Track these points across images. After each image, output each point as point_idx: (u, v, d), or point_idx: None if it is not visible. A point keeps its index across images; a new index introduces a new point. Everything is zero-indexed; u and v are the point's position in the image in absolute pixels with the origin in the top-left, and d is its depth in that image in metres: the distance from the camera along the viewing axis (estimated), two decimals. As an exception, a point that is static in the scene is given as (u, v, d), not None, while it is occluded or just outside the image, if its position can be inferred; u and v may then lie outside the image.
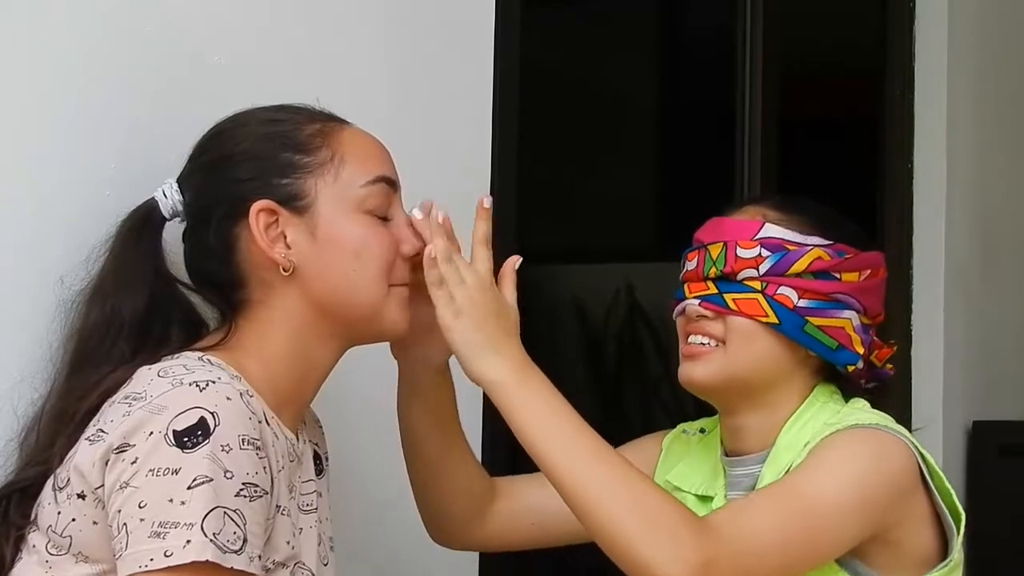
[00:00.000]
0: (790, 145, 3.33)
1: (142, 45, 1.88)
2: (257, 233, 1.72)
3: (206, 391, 1.59)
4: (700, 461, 2.06)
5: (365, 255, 1.74)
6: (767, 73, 3.19)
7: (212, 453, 1.55)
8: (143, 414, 1.58)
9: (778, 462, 1.93)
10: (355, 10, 2.19)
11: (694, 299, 1.96)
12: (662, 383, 4.03)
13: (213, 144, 1.78)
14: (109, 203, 1.81)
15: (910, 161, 3.65)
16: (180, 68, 1.92)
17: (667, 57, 4.38)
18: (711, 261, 1.95)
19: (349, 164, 1.75)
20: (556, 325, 4.04)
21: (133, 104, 1.86)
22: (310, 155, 1.74)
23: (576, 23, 3.97)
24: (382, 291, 1.76)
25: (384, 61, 2.23)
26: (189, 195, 1.77)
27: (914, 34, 3.66)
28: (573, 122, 3.92)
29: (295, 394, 1.75)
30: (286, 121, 1.77)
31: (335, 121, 1.80)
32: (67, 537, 1.60)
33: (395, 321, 1.78)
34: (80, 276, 1.76)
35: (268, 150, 1.75)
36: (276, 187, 1.73)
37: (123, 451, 1.56)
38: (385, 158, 1.80)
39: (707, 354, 1.95)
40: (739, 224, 1.98)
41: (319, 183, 1.74)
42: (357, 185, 1.75)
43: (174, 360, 1.67)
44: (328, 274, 1.73)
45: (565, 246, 4.01)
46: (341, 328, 1.76)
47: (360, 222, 1.74)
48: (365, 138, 1.80)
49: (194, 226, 1.77)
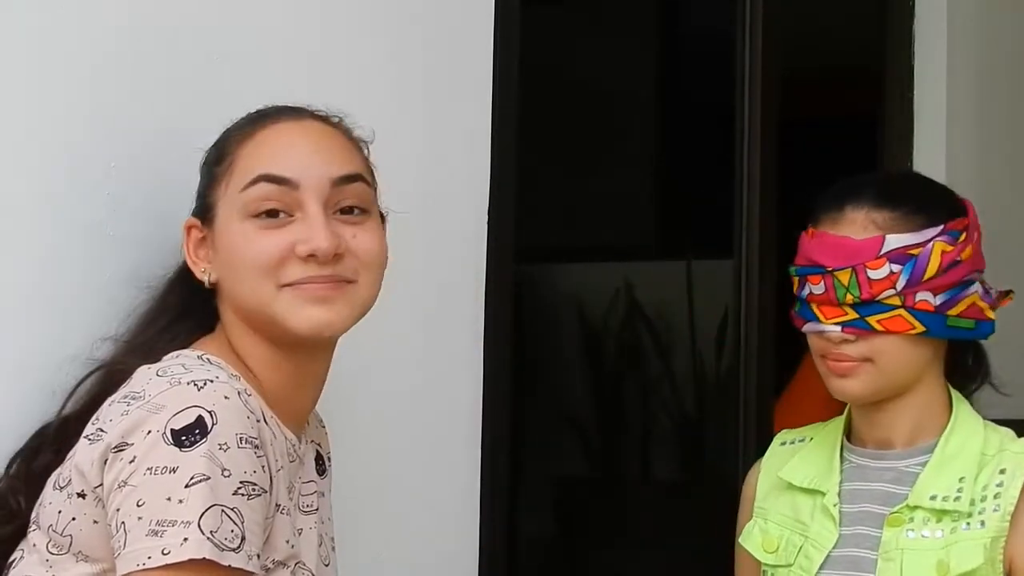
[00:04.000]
0: (790, 145, 3.32)
1: (142, 45, 1.87)
2: (185, 248, 1.76)
3: (204, 390, 1.59)
4: (814, 456, 2.07)
5: (236, 262, 1.71)
6: (767, 73, 3.18)
7: (210, 452, 1.55)
8: (141, 413, 1.58)
9: (950, 470, 1.97)
10: (355, 10, 2.19)
11: (834, 325, 1.96)
12: (662, 382, 4.04)
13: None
14: (109, 203, 1.81)
15: (910, 161, 3.64)
16: (180, 68, 1.92)
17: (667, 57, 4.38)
18: (843, 287, 1.95)
19: (238, 169, 1.72)
20: (555, 324, 4.04)
21: (133, 104, 1.86)
22: (219, 165, 1.74)
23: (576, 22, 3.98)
24: (267, 294, 1.70)
25: (384, 60, 2.23)
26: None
27: (914, 34, 3.66)
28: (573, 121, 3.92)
29: (287, 396, 1.74)
30: (231, 130, 1.77)
31: (263, 122, 1.76)
32: (67, 536, 1.60)
33: (297, 323, 1.70)
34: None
35: (206, 161, 1.77)
36: (203, 200, 1.75)
37: (121, 450, 1.56)
38: (283, 153, 1.73)
39: (857, 369, 1.97)
40: (860, 245, 1.96)
41: (218, 193, 1.73)
42: (238, 190, 1.71)
43: (173, 360, 1.67)
44: (227, 283, 1.73)
45: (565, 245, 4.01)
46: (259, 330, 1.73)
47: (239, 229, 1.71)
48: (272, 136, 1.74)
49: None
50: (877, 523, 1.99)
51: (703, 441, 4.03)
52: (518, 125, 2.51)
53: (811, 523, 2.02)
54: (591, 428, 4.09)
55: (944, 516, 1.95)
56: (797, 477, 2.06)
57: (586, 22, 4.02)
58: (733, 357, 3.21)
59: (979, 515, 1.95)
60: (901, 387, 2.00)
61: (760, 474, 2.12)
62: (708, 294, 3.78)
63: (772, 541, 2.04)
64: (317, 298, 1.70)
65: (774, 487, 2.08)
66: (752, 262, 3.14)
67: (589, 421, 4.07)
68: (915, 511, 1.97)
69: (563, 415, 3.98)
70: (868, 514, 2.00)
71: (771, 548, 2.04)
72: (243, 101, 1.80)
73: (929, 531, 1.96)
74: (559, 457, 4.03)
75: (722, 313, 3.54)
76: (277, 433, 1.69)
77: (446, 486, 2.34)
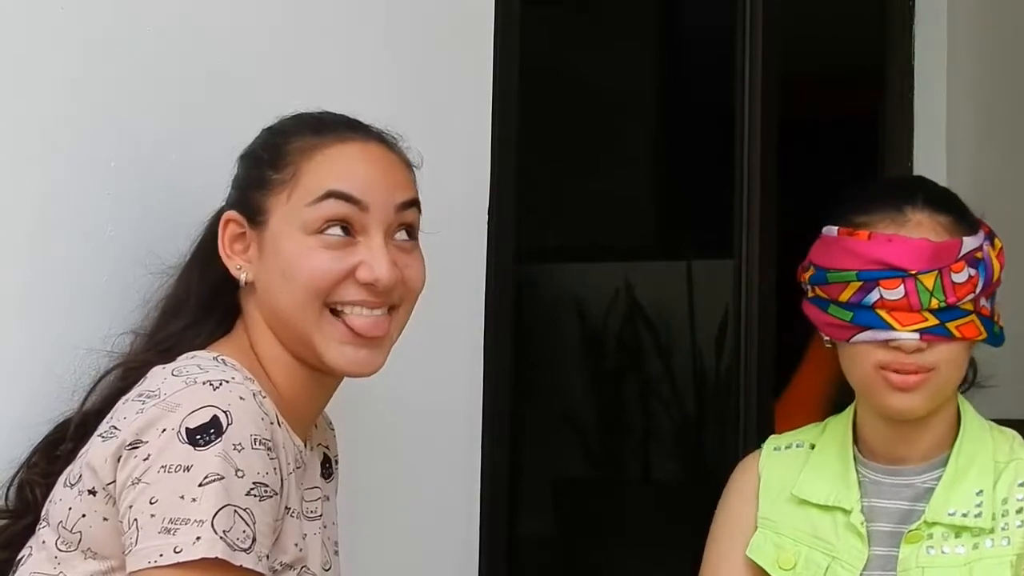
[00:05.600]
0: (790, 145, 3.32)
1: (143, 45, 1.87)
2: (220, 243, 1.74)
3: (219, 390, 1.59)
4: (826, 470, 2.00)
5: (289, 275, 1.69)
6: (767, 73, 3.18)
7: (224, 451, 1.54)
8: (156, 411, 1.58)
9: (965, 483, 1.93)
10: (355, 10, 2.19)
11: (912, 332, 1.88)
12: (662, 382, 4.03)
13: (255, 139, 1.80)
14: (108, 204, 1.81)
15: (910, 161, 3.64)
16: (180, 69, 1.92)
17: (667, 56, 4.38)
18: (927, 292, 1.87)
19: (303, 183, 1.71)
20: (555, 324, 4.04)
21: (133, 104, 1.86)
22: (278, 172, 1.72)
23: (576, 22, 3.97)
24: (312, 315, 1.69)
25: (383, 60, 2.23)
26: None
27: (914, 34, 3.66)
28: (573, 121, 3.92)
29: (299, 403, 1.74)
30: (283, 134, 1.76)
31: (333, 136, 1.74)
32: (77, 533, 1.60)
33: (333, 358, 1.70)
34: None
35: (257, 161, 1.75)
36: (249, 200, 1.73)
37: (136, 447, 1.56)
38: (357, 173, 1.72)
39: (922, 383, 1.90)
40: (941, 247, 1.90)
41: (276, 201, 1.72)
42: (303, 204, 1.70)
43: (189, 360, 1.67)
44: (268, 290, 1.72)
45: (565, 245, 4.01)
46: (288, 345, 1.72)
47: (298, 244, 1.70)
48: (344, 154, 1.74)
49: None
50: (895, 542, 1.94)
51: (703, 441, 4.03)
52: (518, 125, 2.51)
53: (837, 542, 1.95)
54: (591, 428, 4.09)
55: (964, 532, 1.91)
56: (815, 495, 1.98)
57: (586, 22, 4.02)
58: (733, 357, 3.20)
59: (1003, 531, 1.90)
60: (945, 400, 1.95)
61: (761, 482, 2.04)
62: (708, 294, 3.78)
63: (788, 558, 1.97)
64: (361, 342, 1.71)
65: (780, 499, 2.01)
66: (752, 262, 3.14)
67: (589, 421, 4.07)
68: (933, 527, 1.92)
69: (563, 415, 3.98)
70: (886, 533, 1.95)
71: (788, 565, 1.97)
72: (242, 101, 1.80)
73: (950, 548, 1.91)
74: (559, 457, 4.03)
75: (722, 313, 3.54)
76: (287, 438, 1.69)
77: (446, 486, 2.34)
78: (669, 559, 3.76)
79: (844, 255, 1.92)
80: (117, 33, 1.84)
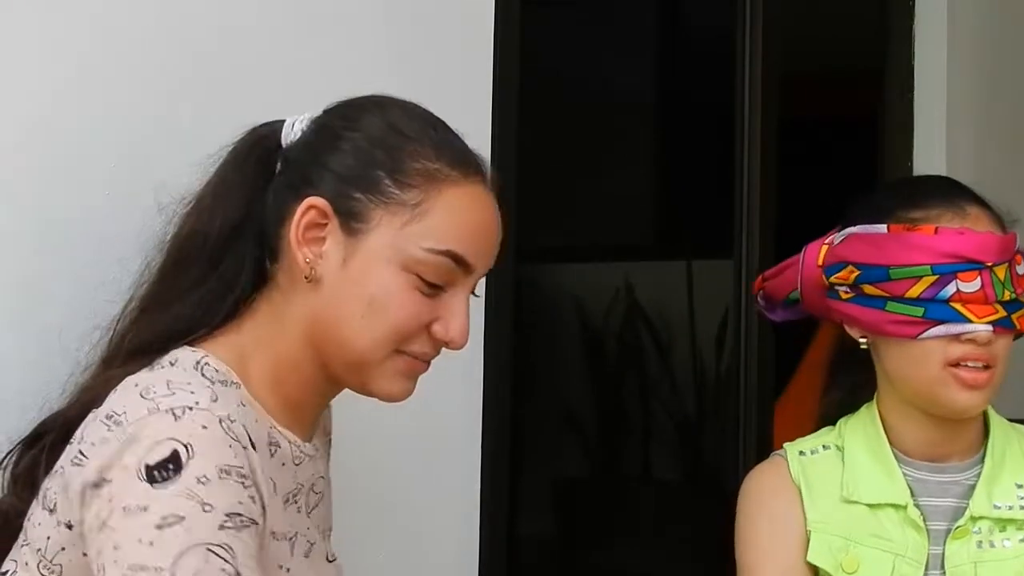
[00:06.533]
0: (790, 145, 3.32)
1: (143, 43, 1.88)
2: (295, 224, 1.62)
3: (181, 420, 1.48)
4: (866, 471, 1.98)
5: (378, 309, 1.60)
6: (767, 73, 3.19)
7: (186, 488, 1.44)
8: (117, 445, 1.48)
9: (1004, 476, 1.93)
10: (354, 9, 2.19)
11: (986, 325, 1.87)
12: (662, 382, 4.03)
13: (348, 112, 1.68)
14: (108, 202, 1.81)
15: (910, 161, 3.64)
16: (180, 66, 1.92)
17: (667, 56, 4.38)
18: (1000, 284, 1.87)
19: (428, 222, 1.61)
20: (555, 324, 4.04)
21: (133, 102, 1.86)
22: (399, 188, 1.61)
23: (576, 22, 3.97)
24: (382, 352, 1.62)
25: (383, 60, 2.23)
26: (298, 140, 1.68)
27: (914, 34, 3.66)
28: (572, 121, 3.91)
29: (307, 407, 1.68)
30: (411, 140, 1.64)
31: (461, 170, 1.65)
32: (57, 565, 1.53)
33: (385, 391, 1.65)
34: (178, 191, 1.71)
35: (369, 158, 1.63)
36: (347, 196, 1.62)
37: (99, 486, 1.48)
38: (478, 238, 1.65)
39: (988, 380, 1.90)
40: (1005, 241, 1.91)
41: (386, 219, 1.61)
42: (420, 245, 1.61)
43: (165, 368, 1.57)
44: (339, 305, 1.61)
45: (564, 245, 4.00)
46: (333, 363, 1.64)
47: (397, 279, 1.61)
48: (473, 205, 1.65)
49: (281, 171, 1.68)
50: (943, 540, 1.93)
51: (703, 441, 4.03)
52: (518, 125, 2.51)
53: (898, 538, 1.93)
54: (591, 428, 4.09)
55: (1009, 525, 1.91)
56: (865, 495, 1.95)
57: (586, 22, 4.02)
58: (733, 357, 3.21)
59: None
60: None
61: (803, 487, 1.98)
62: (708, 294, 3.78)
63: (852, 560, 1.93)
64: (414, 373, 1.66)
65: (828, 502, 1.97)
66: (752, 262, 3.14)
67: (589, 421, 4.06)
68: (979, 522, 1.92)
69: (563, 415, 3.98)
70: (941, 531, 1.94)
71: (852, 568, 1.93)
72: (242, 98, 1.80)
73: (997, 541, 1.91)
74: (559, 457, 4.03)
75: (722, 313, 3.54)
76: (281, 442, 1.63)
77: (446, 487, 2.34)
78: (669, 559, 3.76)
79: (908, 251, 1.89)
80: (118, 33, 1.85)
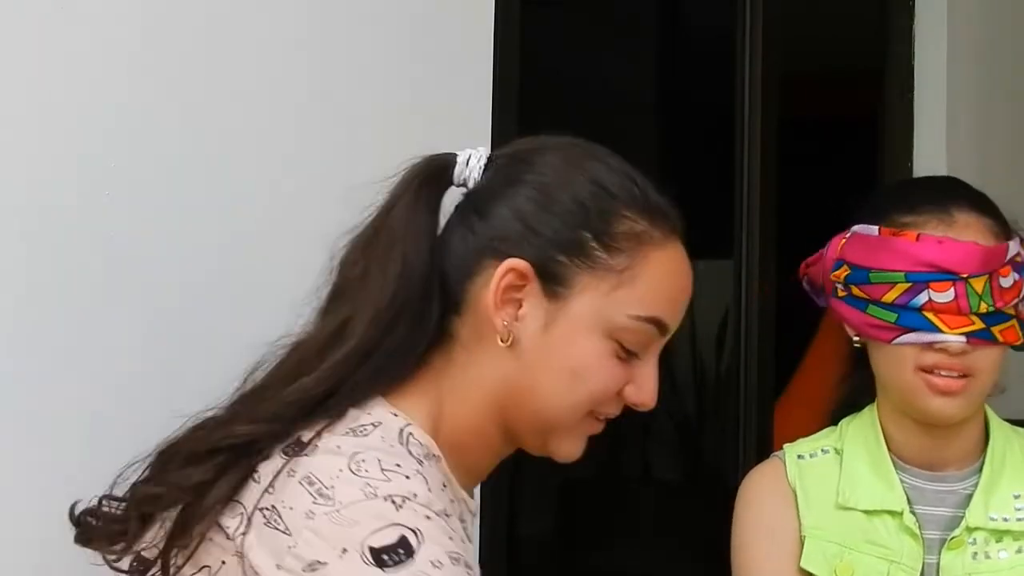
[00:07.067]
0: (790, 145, 3.32)
1: (143, 44, 1.88)
2: (495, 286, 1.55)
3: (403, 510, 1.42)
4: (864, 476, 1.97)
5: (581, 380, 1.56)
6: (767, 73, 3.19)
7: (422, 571, 1.39)
8: (331, 527, 1.42)
9: (1001, 486, 1.92)
10: (354, 10, 2.19)
11: (959, 336, 1.86)
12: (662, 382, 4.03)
13: (531, 157, 1.63)
14: (108, 203, 1.81)
15: (910, 161, 3.64)
16: (180, 68, 1.92)
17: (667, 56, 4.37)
18: (976, 296, 1.85)
19: (635, 289, 1.57)
20: (556, 324, 4.03)
21: (133, 102, 1.86)
22: (607, 252, 1.56)
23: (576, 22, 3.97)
24: (577, 417, 1.59)
25: (383, 60, 2.23)
26: (487, 182, 1.61)
27: (914, 34, 3.66)
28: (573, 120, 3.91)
29: (481, 468, 1.63)
30: (613, 198, 1.60)
31: (664, 229, 1.61)
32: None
33: (568, 452, 1.64)
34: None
35: (570, 215, 1.57)
36: (548, 257, 1.56)
37: (315, 570, 1.40)
38: (679, 299, 1.63)
39: (963, 388, 1.88)
40: (990, 251, 1.88)
41: (591, 283, 1.56)
42: (626, 313, 1.56)
43: (367, 437, 1.50)
44: (538, 372, 1.56)
45: (565, 245, 4.00)
46: (520, 427, 1.60)
47: (598, 346, 1.56)
48: (675, 268, 1.62)
49: (466, 212, 1.60)
50: (938, 550, 1.92)
51: (703, 441, 4.03)
52: (518, 125, 2.51)
53: (894, 545, 1.92)
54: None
55: (1005, 536, 1.90)
56: (861, 501, 1.95)
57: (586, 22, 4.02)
58: (733, 357, 3.21)
59: None
60: (980, 406, 1.94)
61: (798, 492, 1.98)
62: (708, 294, 3.78)
63: (846, 566, 1.92)
64: (593, 433, 1.65)
65: (824, 507, 1.96)
66: (752, 262, 3.15)
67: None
68: (975, 533, 1.91)
69: (563, 415, 3.97)
70: (936, 540, 1.93)
71: (846, 574, 1.92)
72: (242, 99, 1.80)
73: (993, 552, 1.89)
74: (559, 457, 4.02)
75: (722, 313, 3.54)
76: (465, 515, 1.58)
77: (446, 486, 2.34)
78: (669, 559, 3.76)
79: (890, 255, 1.89)
80: (118, 32, 1.85)
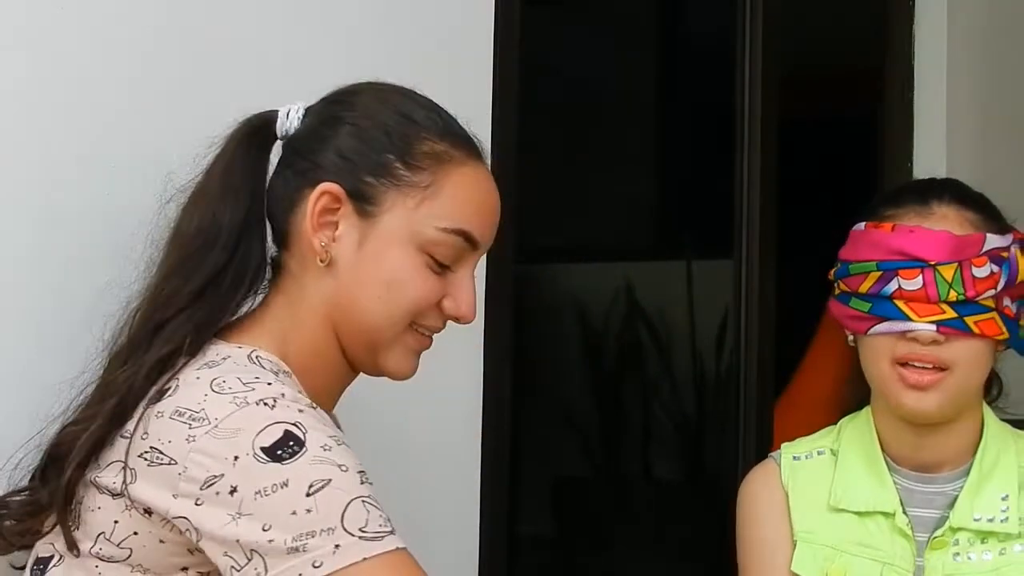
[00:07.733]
0: (790, 145, 3.32)
1: (142, 45, 1.88)
2: (310, 210, 1.65)
3: (277, 408, 1.51)
4: (857, 477, 1.97)
5: (397, 291, 1.65)
6: (767, 73, 3.19)
7: (316, 456, 1.48)
8: (214, 441, 1.49)
9: (989, 488, 1.91)
10: (354, 9, 2.19)
11: (928, 324, 1.86)
12: (662, 382, 4.03)
13: (345, 99, 1.74)
14: (109, 202, 1.81)
15: (910, 161, 3.64)
16: (180, 67, 1.92)
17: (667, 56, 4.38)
18: (946, 284, 1.85)
19: (439, 202, 1.66)
20: (556, 324, 4.04)
21: (134, 102, 1.86)
22: (409, 171, 1.67)
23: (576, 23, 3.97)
24: (398, 329, 1.67)
25: (383, 60, 2.23)
26: (304, 127, 1.72)
27: (914, 34, 3.66)
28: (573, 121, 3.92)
29: (323, 397, 1.67)
30: (415, 124, 1.69)
31: (464, 151, 1.71)
32: (126, 549, 1.53)
33: (398, 370, 1.70)
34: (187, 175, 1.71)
35: (376, 141, 1.68)
36: (358, 180, 1.66)
37: (211, 484, 1.48)
38: (484, 213, 1.70)
39: (938, 382, 1.87)
40: (963, 241, 1.88)
41: (399, 200, 1.66)
42: (432, 225, 1.66)
43: (220, 365, 1.58)
44: (357, 286, 1.66)
45: (565, 245, 4.01)
46: (351, 342, 1.67)
47: (411, 258, 1.66)
48: (478, 185, 1.71)
49: (284, 159, 1.72)
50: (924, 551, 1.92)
51: (703, 441, 4.03)
52: (518, 125, 2.51)
53: (886, 546, 1.93)
54: (591, 428, 4.09)
55: (990, 537, 1.90)
56: (854, 503, 1.95)
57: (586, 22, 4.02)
58: (733, 357, 3.21)
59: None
60: (964, 405, 1.92)
61: (790, 495, 1.99)
62: (708, 294, 3.78)
63: (838, 569, 1.92)
64: (421, 349, 1.71)
65: (815, 510, 1.97)
66: (752, 262, 3.14)
67: (589, 421, 4.07)
68: (959, 533, 1.90)
69: (563, 415, 3.98)
70: (923, 543, 1.93)
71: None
72: (243, 99, 1.80)
73: (976, 554, 1.89)
74: (559, 457, 4.03)
75: (722, 313, 3.54)
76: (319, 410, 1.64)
77: (446, 486, 2.34)
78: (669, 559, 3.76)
79: (867, 247, 1.92)
80: (118, 32, 1.85)
